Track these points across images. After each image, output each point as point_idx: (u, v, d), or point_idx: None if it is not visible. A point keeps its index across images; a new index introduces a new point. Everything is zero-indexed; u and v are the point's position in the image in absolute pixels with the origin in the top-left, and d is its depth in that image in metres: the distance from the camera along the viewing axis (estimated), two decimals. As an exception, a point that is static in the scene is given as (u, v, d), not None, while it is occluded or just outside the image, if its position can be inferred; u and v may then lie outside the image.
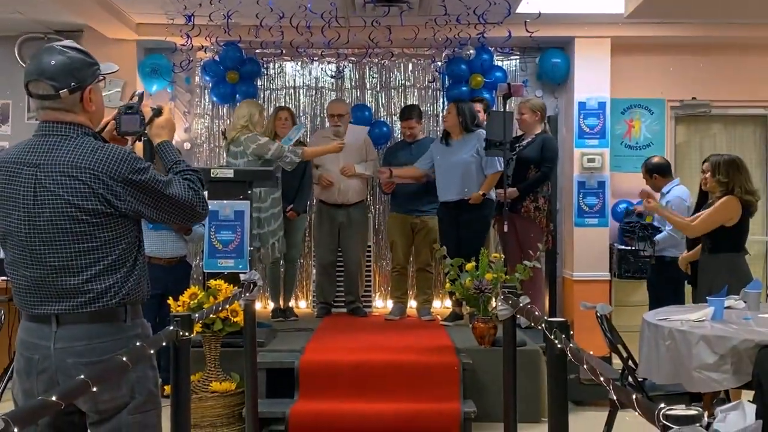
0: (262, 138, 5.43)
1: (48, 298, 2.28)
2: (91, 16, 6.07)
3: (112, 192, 2.26)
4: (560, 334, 2.47)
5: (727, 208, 4.58)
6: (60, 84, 2.26)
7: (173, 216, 2.42)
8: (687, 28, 6.46)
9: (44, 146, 2.29)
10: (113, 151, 2.29)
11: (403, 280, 6.36)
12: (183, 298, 4.55)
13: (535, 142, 5.85)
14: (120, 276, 2.32)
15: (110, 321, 2.31)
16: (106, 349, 2.26)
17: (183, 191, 2.38)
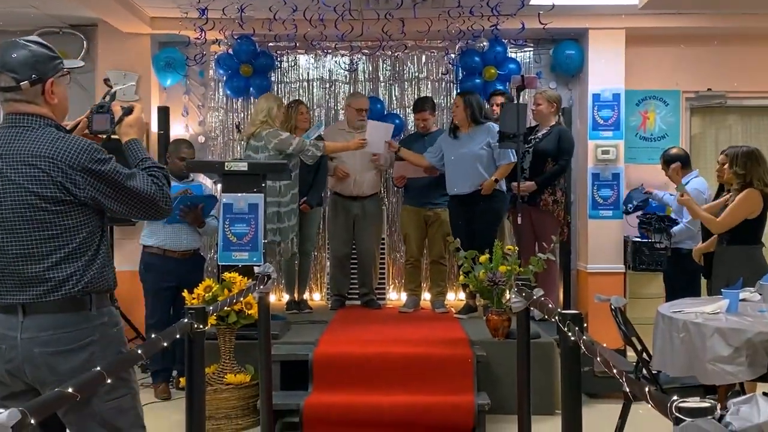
0: (284, 133, 5.43)
1: (13, 288, 2.33)
2: (106, 10, 6.10)
3: (70, 180, 2.31)
4: (574, 326, 2.47)
5: (749, 200, 4.55)
6: (21, 76, 2.34)
7: (134, 209, 2.44)
8: (702, 18, 6.41)
9: (6, 137, 2.35)
10: (74, 141, 2.35)
11: (416, 272, 6.37)
12: (198, 291, 4.58)
13: (551, 135, 5.82)
14: (81, 264, 2.36)
15: (75, 310, 2.35)
16: (73, 338, 2.33)
17: (145, 185, 2.42)
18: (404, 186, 6.33)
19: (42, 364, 2.30)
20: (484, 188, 5.59)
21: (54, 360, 2.31)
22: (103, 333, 2.40)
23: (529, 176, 5.75)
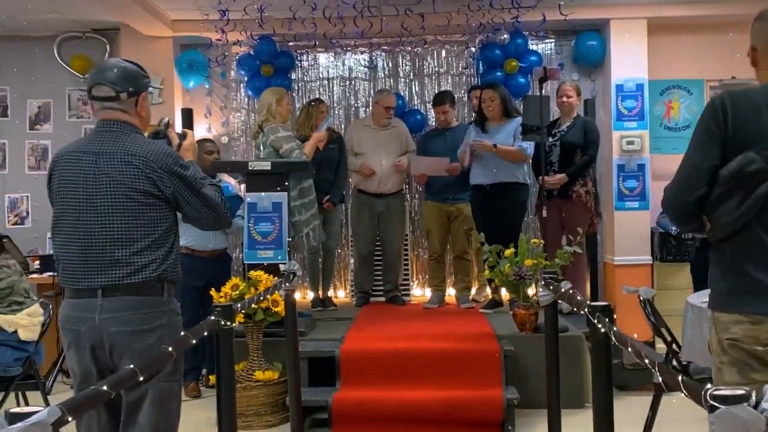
0: (283, 131, 5.34)
1: (95, 271, 2.61)
2: (128, 14, 6.15)
3: (159, 178, 2.64)
4: (603, 318, 2.45)
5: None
6: (121, 88, 2.69)
7: (203, 214, 2.76)
8: (724, 6, 6.34)
9: (103, 138, 2.69)
10: (162, 146, 2.71)
11: (440, 268, 6.36)
12: (225, 289, 4.61)
13: (577, 126, 5.76)
14: (161, 254, 2.67)
15: (150, 294, 2.64)
16: (146, 319, 2.62)
17: (214, 195, 2.78)
18: (426, 182, 6.32)
19: (118, 343, 2.59)
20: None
21: (131, 338, 2.59)
22: (171, 319, 2.71)
23: (558, 169, 5.70)
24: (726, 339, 2.28)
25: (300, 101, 7.05)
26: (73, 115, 6.97)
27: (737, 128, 2.22)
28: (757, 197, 2.18)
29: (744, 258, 2.25)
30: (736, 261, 2.28)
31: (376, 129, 6.27)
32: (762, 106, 2.23)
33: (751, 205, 2.19)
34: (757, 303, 2.21)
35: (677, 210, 2.37)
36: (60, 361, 5.64)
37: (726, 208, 2.23)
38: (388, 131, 6.27)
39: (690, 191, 2.28)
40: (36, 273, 6.06)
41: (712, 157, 2.24)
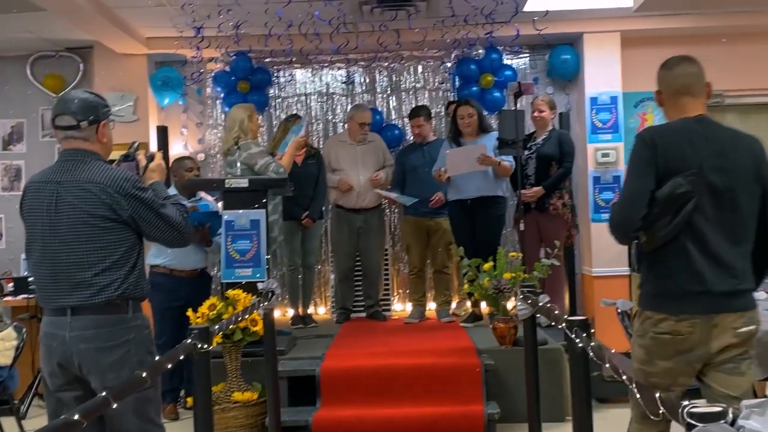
0: (255, 147, 5.31)
1: (64, 292, 2.80)
2: (101, 33, 6.11)
3: (116, 202, 2.82)
4: (581, 332, 2.45)
5: None
6: (81, 117, 2.87)
7: (163, 233, 2.95)
8: (696, 18, 6.42)
9: (65, 168, 2.87)
10: (120, 171, 2.89)
11: (420, 282, 6.35)
12: (202, 309, 4.57)
13: (552, 138, 5.81)
14: (122, 273, 2.84)
15: (114, 312, 2.83)
16: (112, 336, 2.81)
17: (175, 214, 2.96)
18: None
19: (87, 358, 2.78)
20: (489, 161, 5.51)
21: (97, 354, 2.78)
22: (137, 333, 2.89)
23: (534, 182, 5.74)
24: (653, 332, 2.73)
25: (277, 117, 7.04)
26: (47, 135, 6.89)
27: (666, 158, 2.70)
28: (685, 214, 2.65)
29: (671, 265, 2.72)
30: (665, 268, 2.73)
31: (353, 144, 6.27)
32: (682, 139, 2.73)
33: (679, 221, 2.66)
34: (680, 303, 2.68)
35: (625, 227, 2.80)
36: (36, 384, 5.57)
37: (661, 223, 2.68)
38: (365, 146, 6.27)
39: (635, 211, 2.72)
40: (10, 295, 5.97)
41: (649, 182, 2.71)
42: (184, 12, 5.70)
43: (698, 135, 2.73)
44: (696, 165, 2.66)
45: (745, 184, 2.70)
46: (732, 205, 2.69)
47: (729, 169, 2.69)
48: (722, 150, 2.71)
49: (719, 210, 2.68)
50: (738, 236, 2.71)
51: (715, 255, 2.67)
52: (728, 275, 2.67)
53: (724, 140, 2.74)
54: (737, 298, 2.69)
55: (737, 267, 2.69)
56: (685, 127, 2.77)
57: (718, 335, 2.65)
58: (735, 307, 2.67)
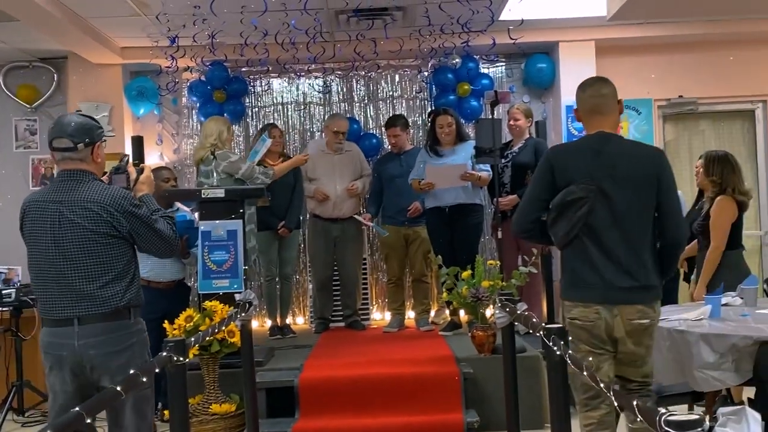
0: (234, 155, 5.37)
1: (70, 304, 3.03)
2: (76, 43, 6.06)
3: (116, 220, 3.05)
4: (559, 340, 2.46)
5: (725, 209, 4.58)
6: (78, 139, 3.06)
7: (156, 246, 3.21)
8: (669, 27, 6.50)
9: (65, 188, 3.07)
10: (117, 191, 3.11)
11: (399, 291, 6.34)
12: (179, 321, 4.52)
13: (528, 147, 5.84)
14: (124, 284, 3.11)
15: (119, 319, 3.09)
16: (118, 341, 3.07)
17: (166, 228, 3.20)
18: (382, 206, 6.29)
19: (98, 362, 3.03)
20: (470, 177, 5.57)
21: (106, 359, 3.04)
22: (139, 337, 3.18)
23: (510, 190, 5.76)
24: (568, 318, 3.17)
25: (254, 126, 7.01)
26: (21, 146, 6.82)
27: (561, 172, 3.16)
28: (579, 217, 3.09)
29: (575, 261, 3.18)
30: (571, 263, 3.21)
31: (330, 154, 6.25)
32: (577, 154, 3.19)
33: (575, 223, 3.10)
34: (584, 293, 3.13)
35: (519, 227, 3.37)
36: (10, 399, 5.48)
37: (560, 226, 3.15)
38: (342, 156, 6.26)
39: (528, 215, 3.30)
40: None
41: (543, 193, 3.22)
42: (158, 22, 5.68)
43: (592, 150, 3.14)
44: (587, 176, 3.08)
45: (639, 192, 3.07)
46: (626, 210, 3.07)
47: (621, 179, 3.07)
48: (614, 162, 3.09)
49: (614, 214, 3.07)
50: (634, 238, 3.07)
51: (611, 254, 3.07)
52: (623, 272, 3.06)
53: (619, 154, 3.12)
54: (633, 293, 3.06)
55: (632, 265, 3.06)
56: (581, 144, 3.29)
57: (619, 324, 3.08)
58: (631, 300, 3.06)
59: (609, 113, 3.21)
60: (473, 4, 5.49)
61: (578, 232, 3.12)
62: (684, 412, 1.41)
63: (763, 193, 7.07)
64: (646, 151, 3.22)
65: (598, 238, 3.09)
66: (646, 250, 3.10)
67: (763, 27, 6.48)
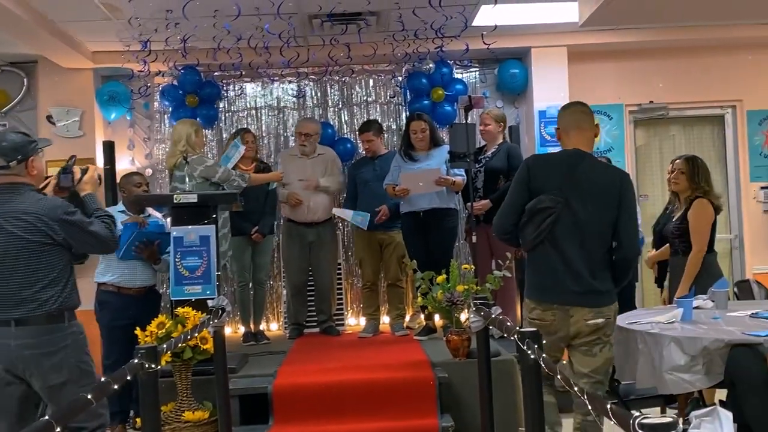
0: (209, 160, 5.34)
1: (8, 307, 3.28)
2: (46, 47, 5.99)
3: (51, 228, 3.31)
4: (533, 344, 2.46)
5: (707, 213, 4.63)
6: (10, 158, 3.31)
7: (92, 246, 3.53)
8: (641, 33, 6.57)
9: (1, 200, 3.30)
10: (51, 201, 3.38)
11: (374, 296, 6.33)
12: (150, 328, 4.47)
13: (501, 152, 5.87)
14: (59, 288, 3.35)
15: (53, 322, 3.33)
16: (52, 342, 3.31)
17: (101, 229, 3.43)
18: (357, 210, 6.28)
19: (31, 362, 3.28)
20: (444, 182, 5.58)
21: (39, 359, 3.28)
22: (74, 339, 3.40)
23: (483, 195, 5.78)
24: (528, 317, 3.51)
25: (227, 131, 6.97)
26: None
27: (535, 181, 3.49)
28: (546, 224, 3.41)
29: (538, 264, 3.52)
30: (534, 266, 3.55)
31: (302, 158, 6.23)
32: (552, 166, 3.53)
33: (542, 230, 3.43)
34: (542, 295, 3.48)
35: (499, 231, 3.70)
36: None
37: (529, 230, 3.47)
38: (314, 159, 6.23)
39: (507, 219, 3.60)
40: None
41: (520, 199, 3.52)
42: (130, 26, 5.63)
43: (566, 164, 3.48)
44: (558, 188, 3.41)
45: (601, 209, 3.40)
46: (587, 224, 3.39)
47: (587, 195, 3.40)
48: (583, 179, 3.42)
49: (576, 226, 3.39)
50: (592, 248, 3.41)
51: (569, 260, 3.40)
52: (579, 277, 3.39)
53: (589, 173, 3.45)
54: (587, 297, 3.40)
55: (587, 272, 3.39)
56: (558, 157, 3.60)
57: (573, 324, 3.42)
58: (585, 303, 3.41)
59: (588, 128, 3.56)
60: (447, 9, 5.51)
61: (543, 239, 3.45)
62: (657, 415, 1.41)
63: (733, 198, 7.16)
64: (613, 173, 3.55)
65: (559, 246, 3.43)
66: (602, 260, 3.44)
67: (733, 33, 6.58)
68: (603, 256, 3.44)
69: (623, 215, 3.42)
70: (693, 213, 4.62)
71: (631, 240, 3.46)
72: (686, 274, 4.57)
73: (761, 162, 7.09)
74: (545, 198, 3.42)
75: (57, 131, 6.59)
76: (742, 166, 7.11)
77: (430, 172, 5.63)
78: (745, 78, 7.01)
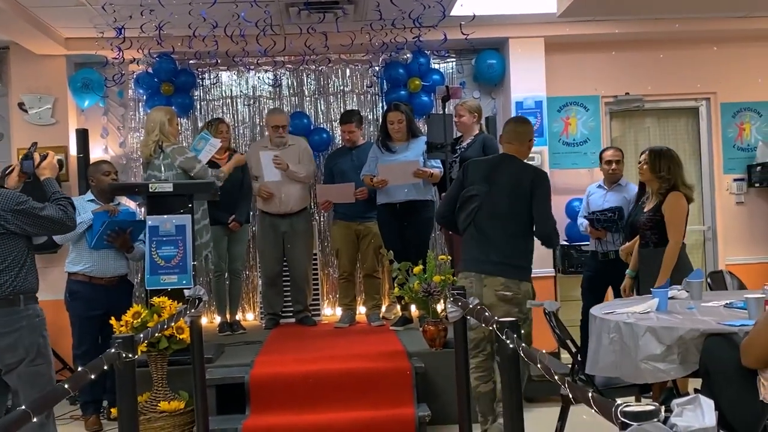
0: (190, 152, 5.27)
1: None
2: (17, 33, 5.88)
3: (3, 218, 3.56)
4: (512, 333, 2.47)
5: (681, 206, 4.66)
6: None
7: (49, 230, 3.76)
8: (617, 25, 6.60)
9: None
10: (3, 193, 3.58)
11: (350, 286, 6.32)
12: (126, 318, 4.43)
13: (476, 143, 5.87)
14: (13, 274, 3.57)
15: (9, 306, 3.55)
16: (6, 324, 3.53)
17: (54, 212, 3.63)
18: (330, 208, 6.29)
19: None
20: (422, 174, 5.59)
21: None
22: (29, 321, 3.61)
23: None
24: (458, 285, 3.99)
25: (202, 120, 6.90)
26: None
27: (467, 177, 4.29)
28: (472, 210, 4.19)
29: (466, 242, 4.25)
30: (465, 243, 4.27)
31: (273, 149, 6.18)
32: (482, 166, 4.32)
33: (469, 213, 4.21)
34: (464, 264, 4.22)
35: (440, 219, 4.73)
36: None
37: (461, 216, 4.26)
38: (285, 150, 6.18)
39: (445, 208, 4.45)
40: None
41: (456, 191, 4.32)
42: (104, 12, 5.54)
43: (493, 165, 4.30)
44: (481, 181, 4.19)
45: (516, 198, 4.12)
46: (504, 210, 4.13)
47: (504, 187, 4.14)
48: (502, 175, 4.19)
49: (495, 211, 4.14)
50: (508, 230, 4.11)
51: (489, 239, 4.12)
52: (493, 251, 4.08)
53: (508, 170, 4.20)
54: (497, 267, 4.07)
55: (502, 249, 4.08)
56: (489, 159, 4.49)
57: (486, 292, 4.05)
58: (494, 272, 4.07)
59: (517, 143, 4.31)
60: (424, -1, 5.50)
61: (471, 221, 4.20)
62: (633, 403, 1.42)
63: (706, 189, 7.24)
64: (528, 171, 4.24)
65: (482, 227, 4.16)
66: (518, 239, 4.14)
67: (708, 26, 6.63)
68: (518, 236, 4.14)
69: (536, 203, 4.13)
70: (668, 206, 4.66)
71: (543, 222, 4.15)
72: (664, 266, 4.61)
73: (734, 154, 7.17)
74: (473, 188, 4.21)
75: (29, 119, 6.49)
76: (716, 158, 7.19)
77: (409, 164, 5.63)
78: (719, 71, 7.08)
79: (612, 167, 5.82)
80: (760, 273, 6.72)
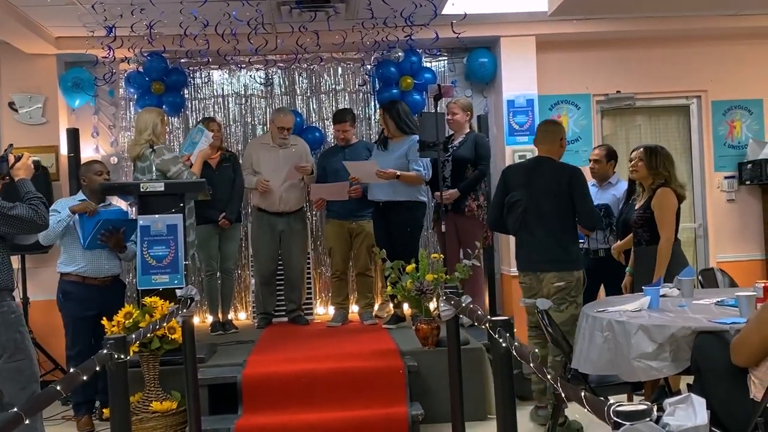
0: (168, 153, 5.22)
1: None
2: (7, 32, 5.85)
3: None
4: (504, 332, 2.47)
5: (670, 202, 4.67)
6: None
7: (20, 229, 3.79)
8: (608, 23, 6.61)
9: None
10: None
11: (343, 285, 6.32)
12: (117, 318, 4.42)
13: (468, 141, 5.89)
14: None
15: None
16: None
17: (24, 212, 3.71)
18: (323, 206, 6.30)
19: None
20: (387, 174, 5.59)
21: None
22: (4, 318, 3.71)
23: (450, 184, 5.80)
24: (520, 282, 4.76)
25: (194, 119, 6.89)
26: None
27: (508, 182, 4.78)
28: (518, 213, 4.64)
29: (519, 243, 4.80)
30: (518, 245, 4.84)
31: (275, 148, 6.18)
32: (520, 170, 4.83)
33: (516, 217, 4.67)
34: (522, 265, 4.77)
35: (491, 225, 5.26)
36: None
37: (509, 220, 4.73)
38: (287, 150, 6.19)
39: (494, 214, 4.90)
40: None
41: (500, 198, 4.80)
42: (95, 11, 5.52)
43: (530, 169, 4.74)
44: (523, 186, 4.63)
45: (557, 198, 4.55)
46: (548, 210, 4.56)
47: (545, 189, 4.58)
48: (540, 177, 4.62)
49: (539, 212, 4.58)
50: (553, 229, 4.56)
51: (536, 238, 4.58)
52: (543, 250, 4.56)
53: (546, 171, 4.63)
54: (551, 264, 4.55)
55: (550, 245, 4.55)
56: (525, 164, 4.93)
57: (544, 286, 4.56)
58: (548, 269, 4.56)
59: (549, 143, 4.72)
60: (416, -3, 5.49)
61: (519, 225, 4.63)
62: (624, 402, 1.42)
63: (697, 187, 7.27)
64: (564, 170, 4.63)
65: (530, 229, 4.61)
66: (564, 234, 4.58)
67: (698, 24, 6.65)
68: (563, 233, 4.57)
69: (577, 200, 4.56)
70: (656, 202, 4.67)
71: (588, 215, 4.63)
72: (658, 263, 4.62)
73: (725, 152, 7.20)
74: (516, 194, 4.63)
75: (19, 118, 6.46)
76: (707, 155, 7.21)
77: (369, 165, 5.73)
78: (710, 69, 7.10)
79: (590, 165, 5.89)
80: (751, 270, 6.76)
